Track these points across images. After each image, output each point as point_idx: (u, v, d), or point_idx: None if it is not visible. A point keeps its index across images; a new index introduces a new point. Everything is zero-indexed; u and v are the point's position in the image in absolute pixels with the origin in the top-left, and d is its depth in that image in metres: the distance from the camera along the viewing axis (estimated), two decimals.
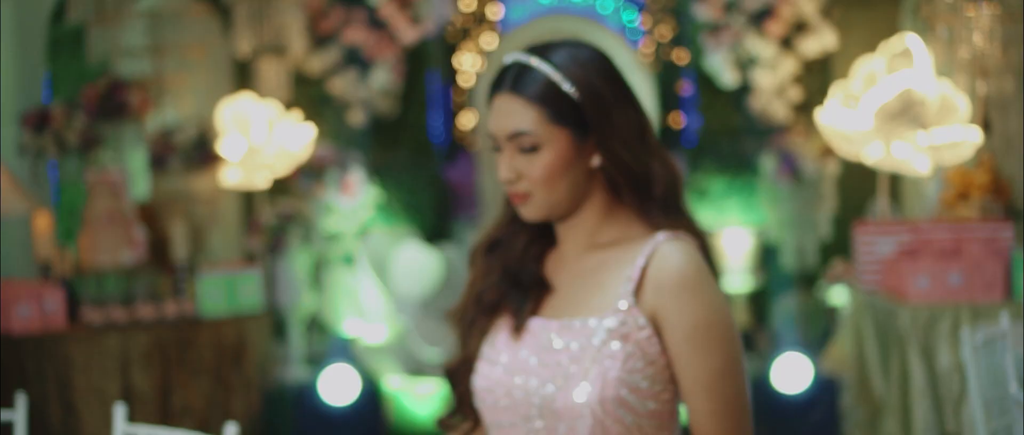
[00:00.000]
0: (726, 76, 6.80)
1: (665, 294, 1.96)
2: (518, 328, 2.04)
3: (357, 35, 6.83)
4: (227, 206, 6.72)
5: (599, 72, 2.07)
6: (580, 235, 2.08)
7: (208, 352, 5.65)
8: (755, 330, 6.52)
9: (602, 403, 1.94)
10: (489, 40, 7.21)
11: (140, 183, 6.42)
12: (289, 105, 6.61)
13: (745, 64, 6.80)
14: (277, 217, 6.25)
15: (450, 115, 7.29)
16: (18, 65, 6.78)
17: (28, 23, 6.80)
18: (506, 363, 2.04)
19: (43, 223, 5.99)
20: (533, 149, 2.01)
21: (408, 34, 6.88)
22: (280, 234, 6.19)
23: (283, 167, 6.37)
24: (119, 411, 2.94)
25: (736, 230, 6.69)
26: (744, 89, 6.84)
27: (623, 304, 1.97)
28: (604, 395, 1.94)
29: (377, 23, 6.89)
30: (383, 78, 6.83)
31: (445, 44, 7.21)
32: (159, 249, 6.23)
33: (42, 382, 5.44)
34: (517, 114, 2.01)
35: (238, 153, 6.24)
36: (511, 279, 2.09)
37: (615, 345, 1.96)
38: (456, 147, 7.26)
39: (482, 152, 6.96)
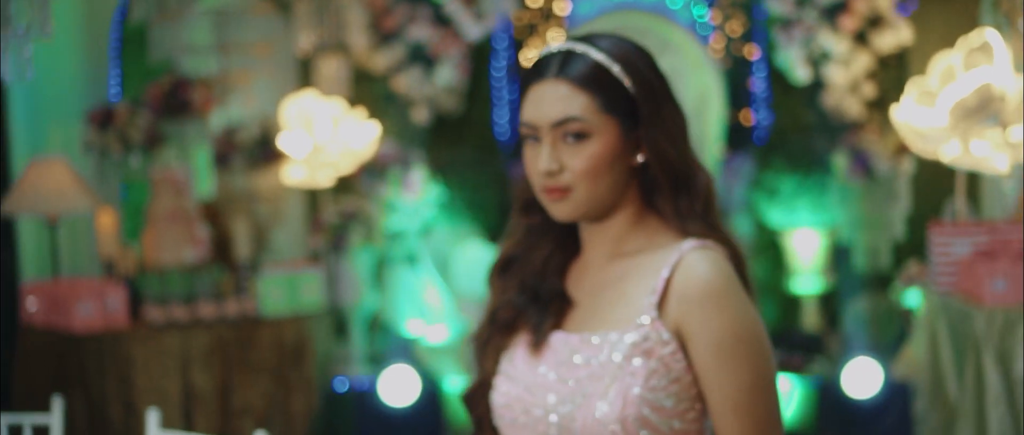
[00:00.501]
0: (798, 72, 6.65)
1: (690, 306, 1.85)
2: (537, 344, 1.94)
3: (422, 32, 6.76)
4: (291, 204, 6.69)
5: (648, 65, 1.99)
6: (606, 242, 1.97)
7: (269, 352, 5.61)
8: (826, 333, 6.37)
9: (623, 422, 1.83)
10: (556, 36, 7.11)
11: (204, 181, 6.40)
12: (353, 103, 6.56)
13: (818, 59, 6.64)
14: (339, 216, 6.20)
15: (515, 112, 7.20)
16: (85, 63, 6.80)
17: (95, 21, 6.82)
18: (525, 379, 1.94)
19: (106, 221, 5.99)
20: (580, 137, 1.90)
21: (473, 30, 6.79)
22: (342, 233, 6.13)
23: (347, 165, 6.33)
24: (152, 417, 2.88)
25: (807, 230, 6.53)
26: (816, 85, 6.68)
27: (646, 318, 1.87)
28: (625, 414, 1.83)
29: (442, 19, 6.81)
30: (448, 75, 6.75)
31: (511, 40, 7.12)
32: (222, 247, 6.21)
33: (103, 381, 5.43)
34: (566, 100, 1.90)
35: (302, 151, 6.21)
36: (530, 294, 1.99)
37: (637, 361, 1.85)
38: (521, 145, 7.16)
39: None
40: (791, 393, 5.99)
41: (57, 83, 6.63)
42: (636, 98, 1.93)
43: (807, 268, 6.51)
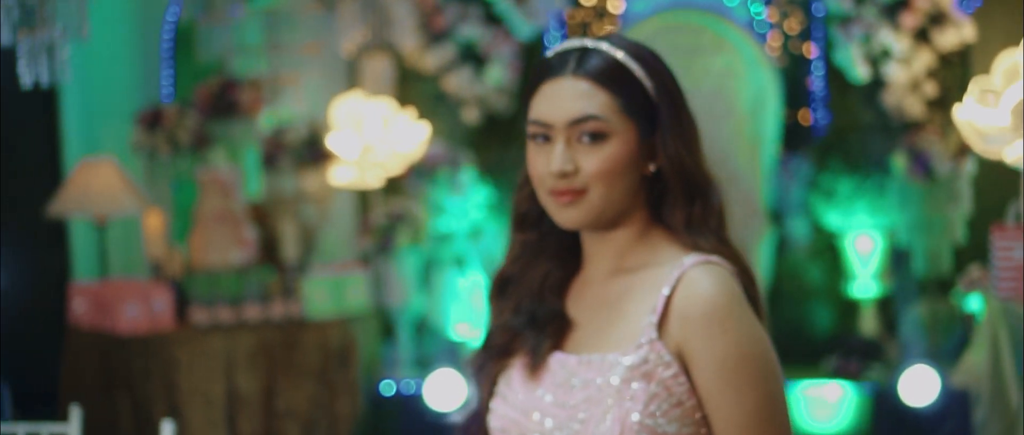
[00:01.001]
0: (857, 70, 6.49)
1: (691, 326, 1.75)
2: (535, 367, 1.84)
3: (472, 31, 6.68)
4: (341, 206, 6.65)
5: (666, 68, 1.90)
6: (608, 256, 1.87)
7: (314, 354, 5.57)
8: (884, 338, 6.21)
9: None
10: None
11: (252, 182, 6.37)
12: (403, 103, 6.49)
13: (877, 58, 6.47)
14: (387, 217, 6.14)
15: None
16: (137, 64, 6.80)
17: (147, 21, 6.82)
18: (522, 403, 1.85)
19: (154, 222, 5.98)
20: (597, 138, 1.80)
21: (524, 29, 6.70)
22: (389, 234, 6.07)
23: (396, 166, 6.27)
24: (167, 428, 2.82)
25: (865, 233, 6.37)
26: (876, 84, 6.51)
27: (645, 339, 1.76)
28: None
29: (493, 18, 6.73)
30: (498, 75, 6.67)
31: (564, 38, 7.02)
32: (270, 249, 6.17)
33: (148, 383, 5.42)
34: (585, 98, 1.80)
35: (352, 152, 6.16)
36: (527, 316, 1.88)
37: (636, 385, 1.75)
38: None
39: None
40: (845, 400, 5.85)
41: (110, 84, 6.65)
42: (656, 102, 1.84)
43: (865, 272, 6.35)
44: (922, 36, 6.44)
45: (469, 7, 6.73)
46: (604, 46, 1.84)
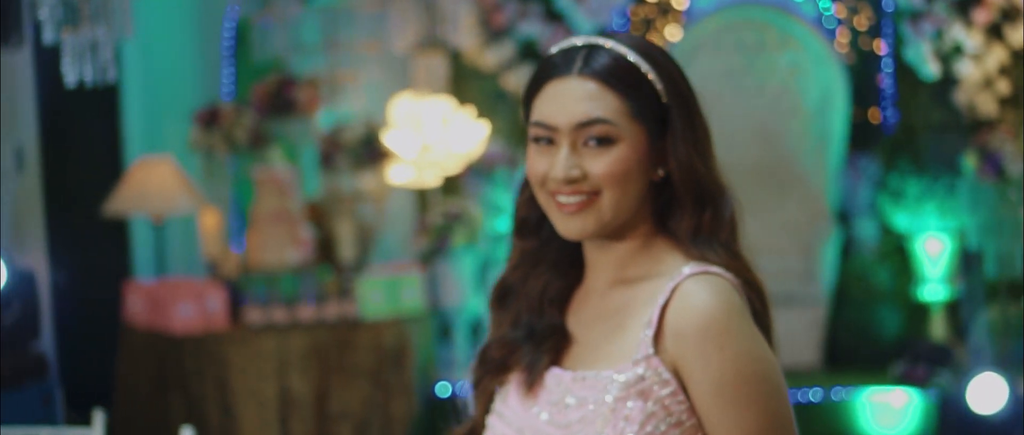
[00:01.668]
0: (927, 67, 6.31)
1: (686, 342, 1.63)
2: (531, 384, 1.73)
3: (532, 28, 6.59)
4: (400, 205, 6.59)
5: (679, 70, 1.77)
6: (609, 267, 1.75)
7: (368, 355, 5.51)
8: (953, 343, 6.02)
9: None
10: (674, 32, 6.88)
11: (309, 181, 6.34)
12: (462, 101, 6.42)
13: (948, 55, 6.29)
14: (444, 217, 6.07)
15: None
16: (199, 62, 6.80)
17: (209, 20, 6.82)
18: (518, 420, 1.75)
19: (210, 221, 5.97)
20: (604, 143, 1.68)
21: (585, 26, 6.60)
22: (446, 234, 6.00)
23: (454, 165, 6.20)
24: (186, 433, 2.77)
25: (934, 235, 6.19)
26: (947, 81, 6.33)
27: (641, 354, 1.65)
28: None
29: (553, 15, 6.64)
30: None
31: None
32: (327, 249, 6.13)
33: (201, 382, 5.40)
34: (594, 100, 1.68)
35: (410, 151, 6.10)
36: (525, 330, 1.77)
37: (632, 404, 1.64)
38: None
39: None
40: (911, 407, 5.68)
41: (172, 82, 6.65)
42: (668, 105, 1.71)
43: (934, 275, 6.17)
44: (995, 32, 6.25)
45: (529, 5, 6.64)
46: (612, 44, 1.72)
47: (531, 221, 1.80)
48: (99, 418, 2.96)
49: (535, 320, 1.77)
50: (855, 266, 6.35)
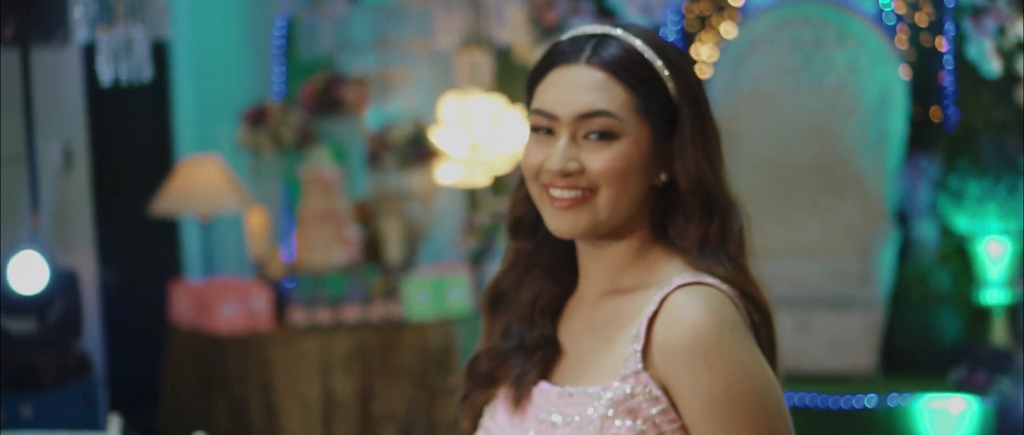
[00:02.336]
0: (989, 65, 6.13)
1: (675, 358, 1.53)
2: (518, 399, 1.64)
3: (584, 26, 6.49)
4: (449, 205, 6.52)
5: (692, 70, 1.67)
6: (602, 275, 1.66)
7: (412, 357, 5.44)
8: (1014, 349, 5.84)
9: None
10: (729, 29, 6.76)
11: (357, 181, 6.28)
12: (512, 100, 6.34)
13: (1011, 51, 6.11)
14: (492, 217, 5.99)
15: None
16: (248, 60, 6.78)
17: (258, 18, 6.79)
18: None
19: (257, 221, 5.93)
20: (605, 138, 1.59)
21: (639, 23, 6.49)
22: (494, 235, 5.92)
23: (504, 164, 6.12)
24: None
25: (995, 237, 6.01)
26: (1009, 79, 6.14)
27: (629, 370, 1.55)
28: None
29: (606, 12, 6.54)
30: None
31: (681, 33, 6.79)
32: (375, 249, 6.07)
33: (245, 383, 5.36)
34: (597, 90, 1.59)
35: (459, 149, 6.03)
36: (516, 341, 1.68)
37: (619, 423, 1.54)
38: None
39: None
40: (969, 414, 5.51)
41: (223, 80, 6.63)
42: (677, 103, 1.62)
43: (995, 278, 6.00)
44: None
45: (581, 2, 6.55)
46: (625, 35, 1.63)
47: (526, 221, 1.71)
48: (115, 423, 2.92)
49: (526, 331, 1.68)
50: (914, 268, 6.19)
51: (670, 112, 1.62)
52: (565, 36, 1.67)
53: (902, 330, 6.12)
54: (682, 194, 1.62)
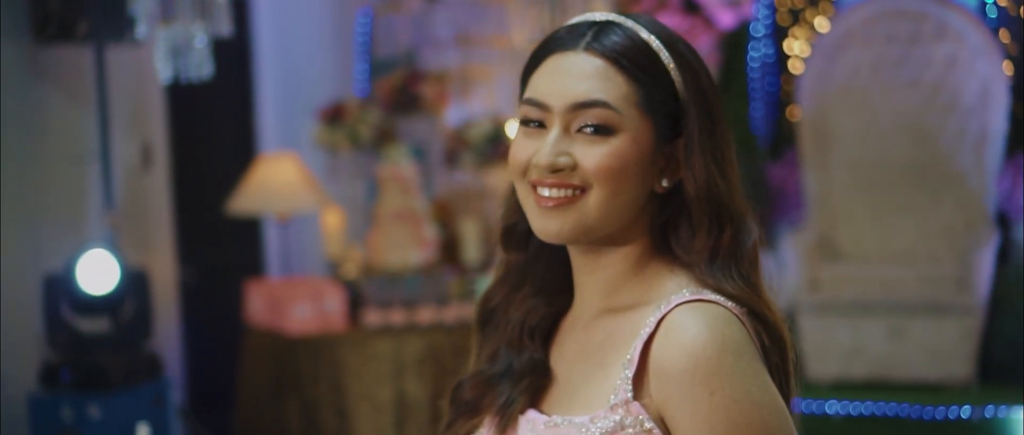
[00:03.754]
0: None
1: (672, 384, 1.37)
2: (503, 430, 1.49)
3: (671, 20, 6.31)
4: None
5: (703, 66, 1.51)
6: (597, 291, 1.51)
7: None
8: None
9: None
10: (822, 23, 6.53)
11: (436, 180, 6.18)
12: None
13: None
14: None
15: (776, 107, 6.65)
16: (331, 58, 6.71)
17: (342, 15, 6.72)
18: None
19: (333, 220, 5.85)
20: (601, 133, 1.44)
21: (726, 18, 6.30)
22: None
23: None
24: None
25: None
26: None
27: (619, 398, 1.40)
28: None
29: (692, 7, 6.35)
30: None
31: (773, 28, 6.58)
32: (452, 249, 5.96)
33: (316, 385, 5.28)
34: (595, 79, 1.44)
35: None
36: (504, 366, 1.53)
37: None
38: (782, 143, 6.62)
39: (806, 149, 6.27)
40: None
41: (307, 78, 6.58)
42: (685, 102, 1.46)
43: None
44: None
45: None
46: (629, 23, 1.48)
47: (518, 230, 1.57)
48: (143, 432, 2.84)
49: (514, 354, 1.54)
50: (1014, 273, 5.90)
51: (676, 110, 1.47)
52: (567, 23, 1.52)
53: (1000, 338, 5.85)
54: (688, 202, 1.47)
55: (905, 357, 5.82)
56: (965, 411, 5.41)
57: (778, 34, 6.60)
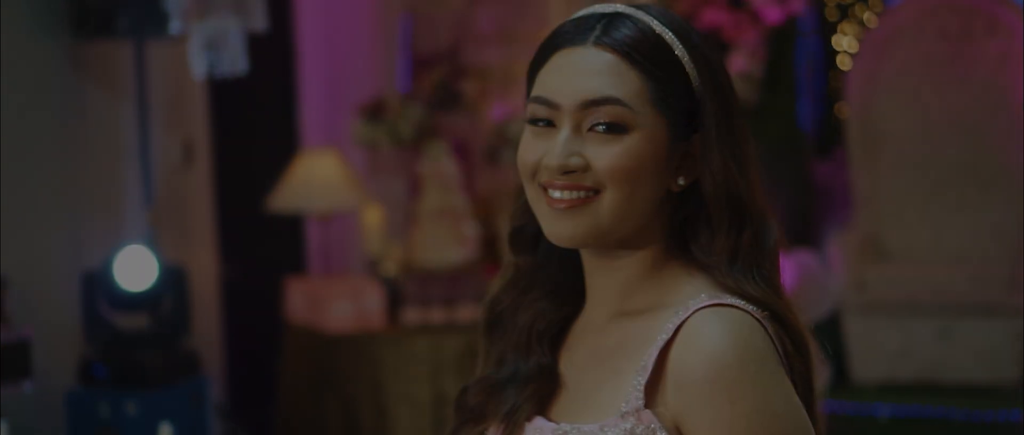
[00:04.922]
0: None
1: (691, 392, 1.31)
2: None
3: (716, 16, 6.23)
4: None
5: (720, 60, 1.44)
6: (611, 294, 1.44)
7: None
8: None
9: None
10: (870, 19, 6.43)
11: (477, 177, 6.13)
12: None
13: None
14: None
15: (824, 104, 6.56)
16: (373, 53, 6.68)
17: (385, 10, 6.69)
18: None
19: (373, 218, 5.82)
20: (614, 131, 1.37)
21: (773, 13, 6.20)
22: None
23: None
24: None
25: None
26: None
27: (630, 406, 1.34)
28: None
29: (738, 3, 6.27)
30: (741, 63, 6.19)
31: (820, 24, 6.49)
32: (494, 247, 5.91)
33: (356, 383, 5.25)
34: (608, 75, 1.38)
35: None
36: (511, 371, 1.48)
37: None
38: (829, 140, 6.52)
39: (855, 147, 6.17)
40: None
41: (351, 74, 6.55)
42: (701, 97, 1.40)
43: None
44: None
45: None
46: (639, 15, 1.41)
47: (527, 232, 1.51)
48: (166, 430, 2.82)
49: (521, 359, 1.48)
50: None
51: (691, 105, 1.41)
52: (574, 16, 1.46)
53: None
54: (706, 201, 1.40)
55: (953, 359, 5.72)
56: (1014, 414, 5.30)
57: (826, 29, 6.50)
